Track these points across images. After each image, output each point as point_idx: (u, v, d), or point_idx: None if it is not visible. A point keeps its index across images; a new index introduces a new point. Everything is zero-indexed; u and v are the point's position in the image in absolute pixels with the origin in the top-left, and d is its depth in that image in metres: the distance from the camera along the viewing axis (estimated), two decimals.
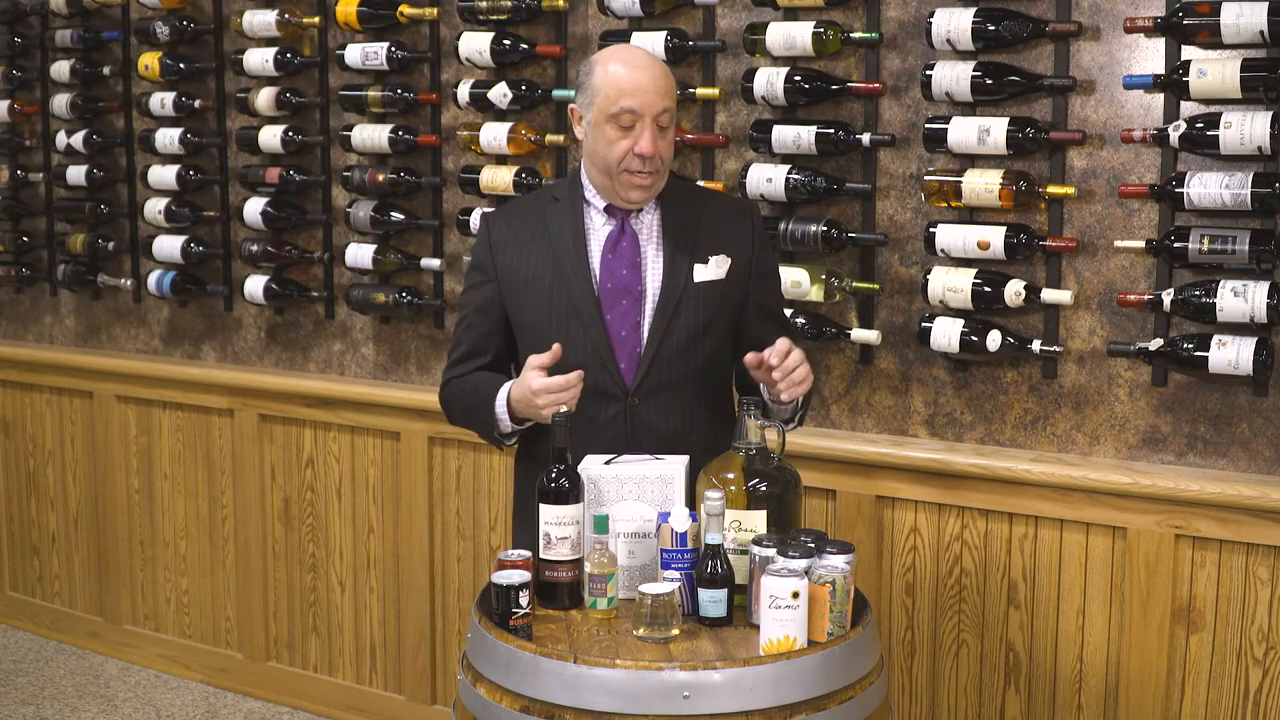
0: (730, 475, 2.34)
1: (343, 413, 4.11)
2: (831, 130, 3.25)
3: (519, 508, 2.74)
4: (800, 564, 2.17)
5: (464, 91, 3.75)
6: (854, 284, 3.31)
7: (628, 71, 2.53)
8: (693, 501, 2.37)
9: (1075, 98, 3.07)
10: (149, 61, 4.32)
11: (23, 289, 4.96)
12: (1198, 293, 2.89)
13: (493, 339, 2.68)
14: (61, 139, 4.61)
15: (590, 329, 2.56)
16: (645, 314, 2.58)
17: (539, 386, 2.44)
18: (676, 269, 2.59)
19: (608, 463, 2.41)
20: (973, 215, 3.18)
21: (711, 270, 2.60)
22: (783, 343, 2.45)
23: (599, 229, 2.62)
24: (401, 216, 3.96)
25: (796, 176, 3.29)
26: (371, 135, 3.93)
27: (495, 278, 2.65)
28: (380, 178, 3.92)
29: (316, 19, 4.06)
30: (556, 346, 2.48)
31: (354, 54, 3.92)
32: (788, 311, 3.06)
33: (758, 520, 2.31)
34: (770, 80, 3.30)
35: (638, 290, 2.59)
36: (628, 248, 2.60)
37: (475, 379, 2.66)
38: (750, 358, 2.47)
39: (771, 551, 2.23)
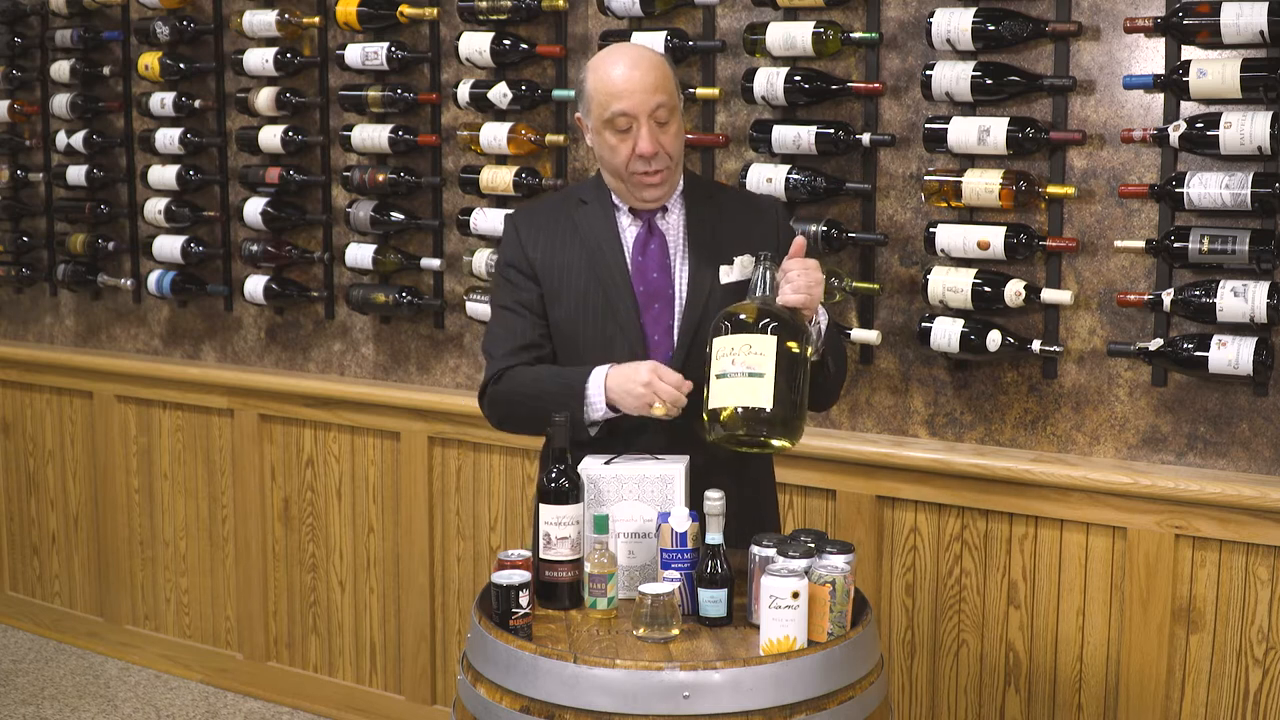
0: (743, 316, 2.33)
1: (343, 413, 4.11)
2: (831, 130, 3.25)
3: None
4: (800, 564, 2.17)
5: (464, 91, 3.75)
6: (854, 284, 3.31)
7: (616, 74, 2.50)
8: (695, 502, 2.37)
9: (1075, 98, 3.07)
10: (149, 61, 4.32)
11: (23, 289, 4.96)
12: (1198, 293, 2.89)
13: (549, 336, 2.60)
14: (61, 139, 4.61)
15: (628, 333, 2.54)
16: (676, 317, 2.56)
17: (661, 377, 2.39)
18: (702, 272, 2.57)
19: (608, 463, 2.41)
20: (973, 215, 3.18)
21: (736, 271, 2.57)
22: (797, 242, 2.42)
23: (627, 230, 2.60)
24: (401, 216, 3.96)
25: (796, 176, 3.29)
26: (371, 135, 3.93)
27: (534, 275, 2.60)
28: (380, 178, 3.92)
29: (316, 19, 4.06)
30: (688, 383, 2.43)
31: (354, 54, 3.92)
32: None
33: (768, 345, 2.28)
34: (770, 80, 3.30)
35: (669, 294, 2.57)
36: (657, 250, 2.58)
37: (548, 368, 2.57)
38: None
39: (771, 551, 2.23)
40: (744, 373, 2.28)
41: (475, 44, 3.71)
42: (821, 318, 2.47)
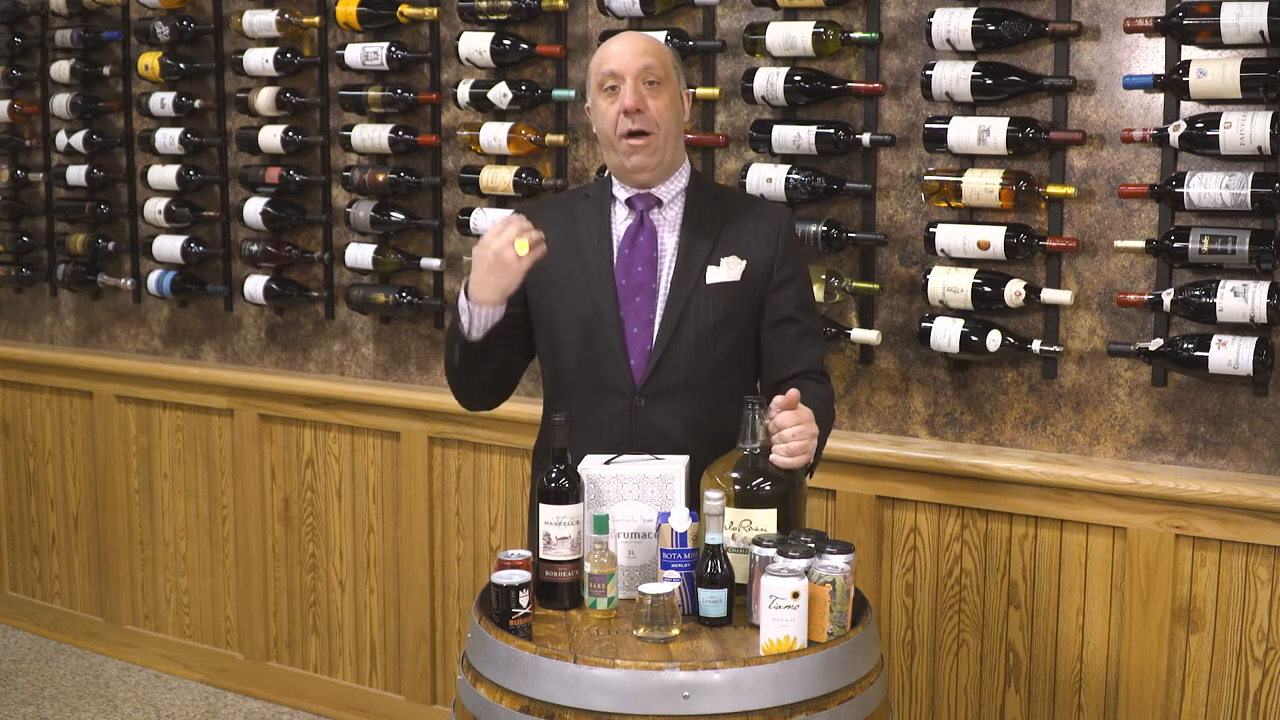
0: (735, 475, 2.34)
1: (343, 413, 4.11)
2: (831, 130, 3.25)
3: (535, 505, 2.73)
4: (800, 564, 2.17)
5: (464, 91, 3.75)
6: (854, 284, 3.31)
7: (609, 44, 2.59)
8: (695, 502, 2.37)
9: (1075, 98, 3.07)
10: (149, 61, 4.32)
11: (23, 289, 4.96)
12: (1198, 293, 2.89)
13: (505, 321, 2.60)
14: (61, 139, 4.61)
15: (606, 324, 2.55)
16: (657, 311, 2.57)
17: (497, 233, 2.39)
18: (690, 268, 2.57)
19: (608, 463, 2.41)
20: (973, 215, 3.18)
21: (724, 272, 2.57)
22: (790, 395, 2.33)
23: (620, 223, 2.62)
24: (401, 216, 3.96)
25: (796, 176, 3.29)
26: (371, 135, 3.93)
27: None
28: (380, 178, 3.92)
29: (316, 19, 4.06)
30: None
31: (354, 54, 3.92)
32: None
33: (769, 519, 2.31)
34: (770, 80, 3.30)
35: (652, 287, 2.57)
36: (645, 243, 2.59)
37: None
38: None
39: (771, 551, 2.22)
40: (746, 550, 2.28)
41: (475, 44, 3.71)
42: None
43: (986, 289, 3.11)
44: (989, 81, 3.06)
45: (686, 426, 2.54)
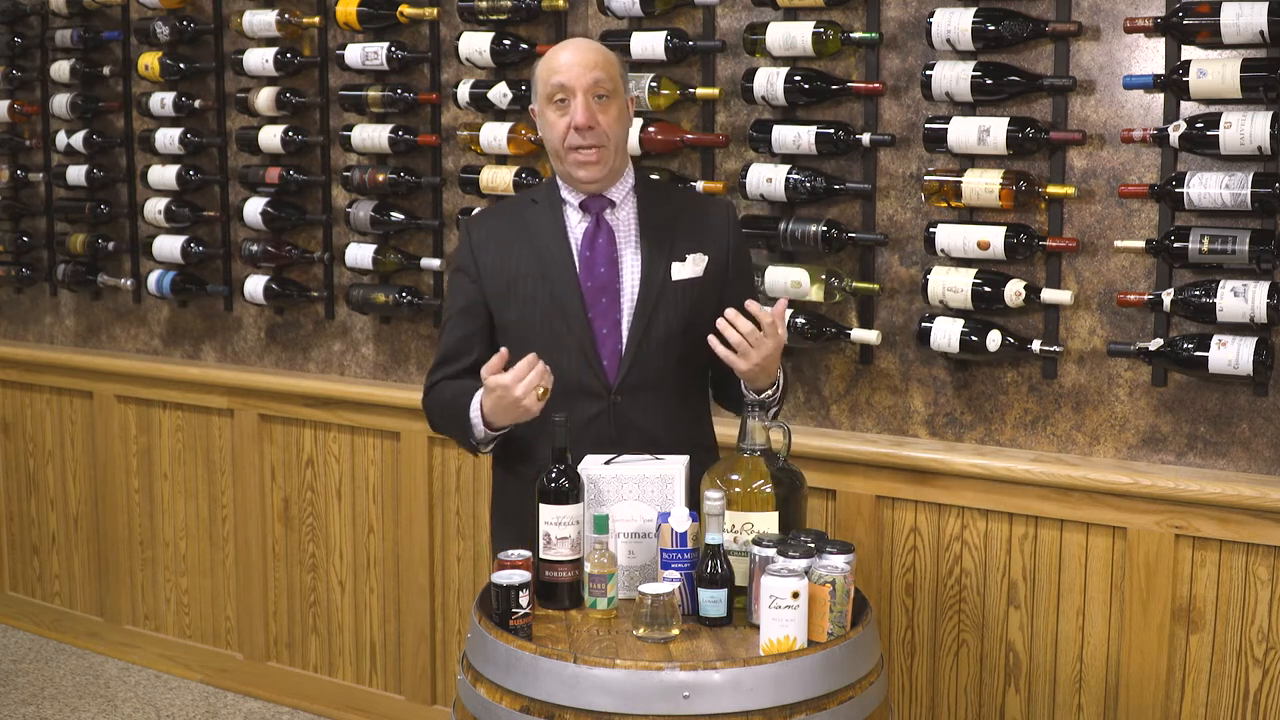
0: (735, 477, 2.34)
1: (343, 413, 4.11)
2: (831, 130, 3.25)
3: (496, 508, 2.76)
4: (800, 564, 2.17)
5: (464, 91, 3.75)
6: (854, 284, 3.31)
7: (558, 55, 2.58)
8: (693, 503, 2.37)
9: (1075, 98, 3.07)
10: (149, 61, 4.32)
11: (23, 289, 4.96)
12: (1198, 293, 2.89)
13: (474, 340, 2.67)
14: (61, 139, 4.61)
15: (575, 327, 2.57)
16: (624, 311, 2.59)
17: (508, 380, 2.41)
18: (655, 267, 2.60)
19: (608, 463, 2.42)
20: (973, 215, 3.18)
21: (689, 268, 2.61)
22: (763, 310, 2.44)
23: (575, 226, 2.63)
24: (401, 216, 3.96)
25: (796, 176, 3.29)
26: (371, 135, 3.93)
27: (479, 279, 2.65)
28: (380, 178, 3.92)
29: (316, 19, 4.06)
30: (503, 350, 2.46)
31: (354, 54, 3.92)
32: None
33: (770, 522, 2.31)
34: (770, 80, 3.30)
35: (616, 288, 2.59)
36: (604, 244, 2.61)
37: (452, 387, 2.64)
38: (722, 323, 2.43)
39: (771, 551, 2.23)
40: (746, 552, 2.29)
41: (475, 44, 3.71)
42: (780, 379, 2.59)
43: (986, 289, 3.11)
44: (989, 81, 3.06)
45: (662, 422, 2.59)
